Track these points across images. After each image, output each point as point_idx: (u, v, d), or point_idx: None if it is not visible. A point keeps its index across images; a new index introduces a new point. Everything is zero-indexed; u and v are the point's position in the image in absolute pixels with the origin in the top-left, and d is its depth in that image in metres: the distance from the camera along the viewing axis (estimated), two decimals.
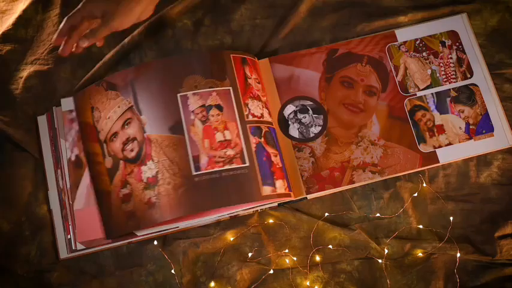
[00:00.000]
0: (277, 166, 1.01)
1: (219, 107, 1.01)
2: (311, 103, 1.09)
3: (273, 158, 1.01)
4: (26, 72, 1.12)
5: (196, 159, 0.98)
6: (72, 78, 1.13)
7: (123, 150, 1.01)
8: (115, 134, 1.02)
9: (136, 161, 1.00)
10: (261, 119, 1.03)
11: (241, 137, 1.00)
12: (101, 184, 1.03)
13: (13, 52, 1.13)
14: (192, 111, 1.00)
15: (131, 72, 1.04)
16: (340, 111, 1.09)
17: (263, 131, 1.02)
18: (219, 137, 0.99)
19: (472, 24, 1.13)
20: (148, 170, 0.98)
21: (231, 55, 1.06)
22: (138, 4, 0.98)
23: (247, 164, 0.98)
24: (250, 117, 1.02)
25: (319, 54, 1.12)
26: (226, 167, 0.98)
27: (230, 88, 1.03)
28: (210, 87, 1.02)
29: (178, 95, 1.01)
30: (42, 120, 1.10)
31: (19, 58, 1.13)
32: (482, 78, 1.10)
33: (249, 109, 1.03)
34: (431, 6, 1.16)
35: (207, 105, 1.01)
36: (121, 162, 1.01)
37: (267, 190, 0.98)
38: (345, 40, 1.14)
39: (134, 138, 1.01)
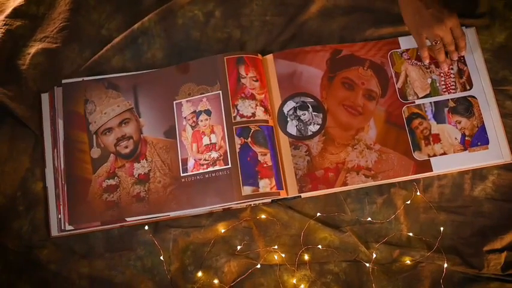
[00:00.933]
0: (265, 165, 1.03)
1: (208, 112, 1.07)
2: (312, 100, 1.10)
3: (259, 157, 1.03)
4: (34, 48, 1.12)
5: (185, 161, 1.05)
6: (79, 59, 1.14)
7: (116, 145, 1.07)
8: (109, 129, 1.09)
9: (130, 158, 1.07)
10: (252, 119, 1.06)
11: (226, 139, 1.04)
12: (81, 171, 1.06)
13: (23, 28, 1.13)
14: (185, 118, 1.08)
15: (135, 78, 1.11)
16: (339, 112, 1.09)
17: (251, 131, 1.05)
18: (205, 140, 1.06)
19: (479, 38, 1.13)
20: (141, 167, 1.06)
21: (225, 57, 1.09)
22: None
23: (229, 166, 1.03)
24: (238, 118, 1.06)
25: (323, 53, 1.13)
26: (210, 169, 1.04)
27: (220, 92, 1.08)
28: (201, 94, 1.08)
29: (174, 102, 1.09)
30: (45, 98, 1.11)
31: (28, 34, 1.14)
32: (481, 90, 1.10)
33: (238, 110, 1.06)
34: None
35: (197, 111, 1.08)
36: (111, 155, 1.07)
37: (247, 190, 1.01)
38: (350, 42, 1.14)
39: (130, 137, 1.08)
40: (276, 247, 1.05)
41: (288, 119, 1.09)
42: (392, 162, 1.06)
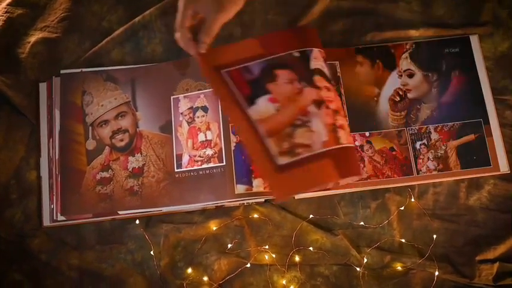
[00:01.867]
0: None
1: (205, 109, 1.07)
2: None
3: None
4: (34, 37, 1.12)
5: (179, 157, 1.05)
6: (78, 50, 1.13)
7: (111, 138, 1.07)
8: (105, 122, 1.08)
9: (125, 151, 1.07)
10: None
11: (222, 137, 1.04)
12: (76, 162, 1.06)
13: (24, 16, 1.13)
14: (181, 113, 1.07)
15: (134, 71, 1.11)
16: None
17: None
18: (201, 137, 1.05)
19: (482, 46, 1.12)
20: (135, 161, 1.06)
21: None
22: None
23: (223, 164, 1.03)
24: None
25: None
26: (204, 165, 1.04)
27: None
28: (199, 90, 1.08)
29: (172, 97, 1.09)
30: (43, 88, 1.11)
31: (29, 23, 1.14)
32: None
33: None
34: (445, 25, 1.15)
35: (194, 107, 1.07)
36: (106, 147, 1.07)
37: (240, 189, 1.01)
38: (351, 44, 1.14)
39: (126, 130, 1.08)
40: (267, 247, 1.04)
41: None
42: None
